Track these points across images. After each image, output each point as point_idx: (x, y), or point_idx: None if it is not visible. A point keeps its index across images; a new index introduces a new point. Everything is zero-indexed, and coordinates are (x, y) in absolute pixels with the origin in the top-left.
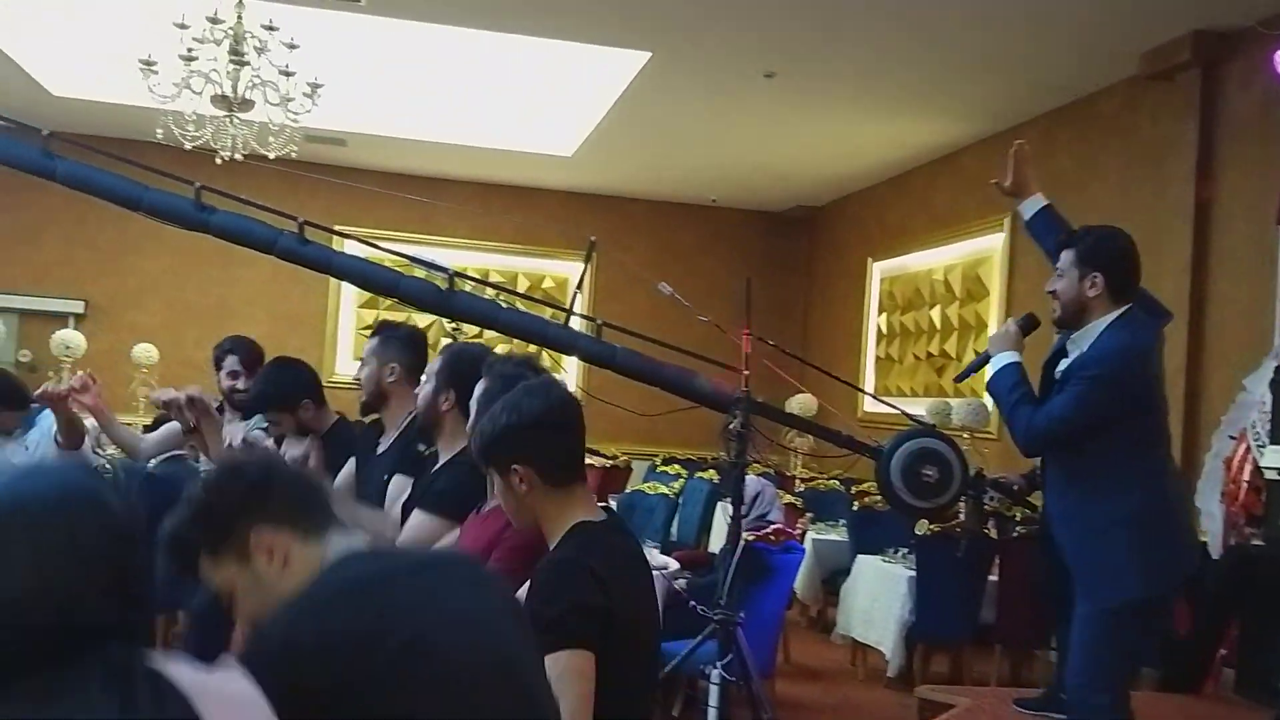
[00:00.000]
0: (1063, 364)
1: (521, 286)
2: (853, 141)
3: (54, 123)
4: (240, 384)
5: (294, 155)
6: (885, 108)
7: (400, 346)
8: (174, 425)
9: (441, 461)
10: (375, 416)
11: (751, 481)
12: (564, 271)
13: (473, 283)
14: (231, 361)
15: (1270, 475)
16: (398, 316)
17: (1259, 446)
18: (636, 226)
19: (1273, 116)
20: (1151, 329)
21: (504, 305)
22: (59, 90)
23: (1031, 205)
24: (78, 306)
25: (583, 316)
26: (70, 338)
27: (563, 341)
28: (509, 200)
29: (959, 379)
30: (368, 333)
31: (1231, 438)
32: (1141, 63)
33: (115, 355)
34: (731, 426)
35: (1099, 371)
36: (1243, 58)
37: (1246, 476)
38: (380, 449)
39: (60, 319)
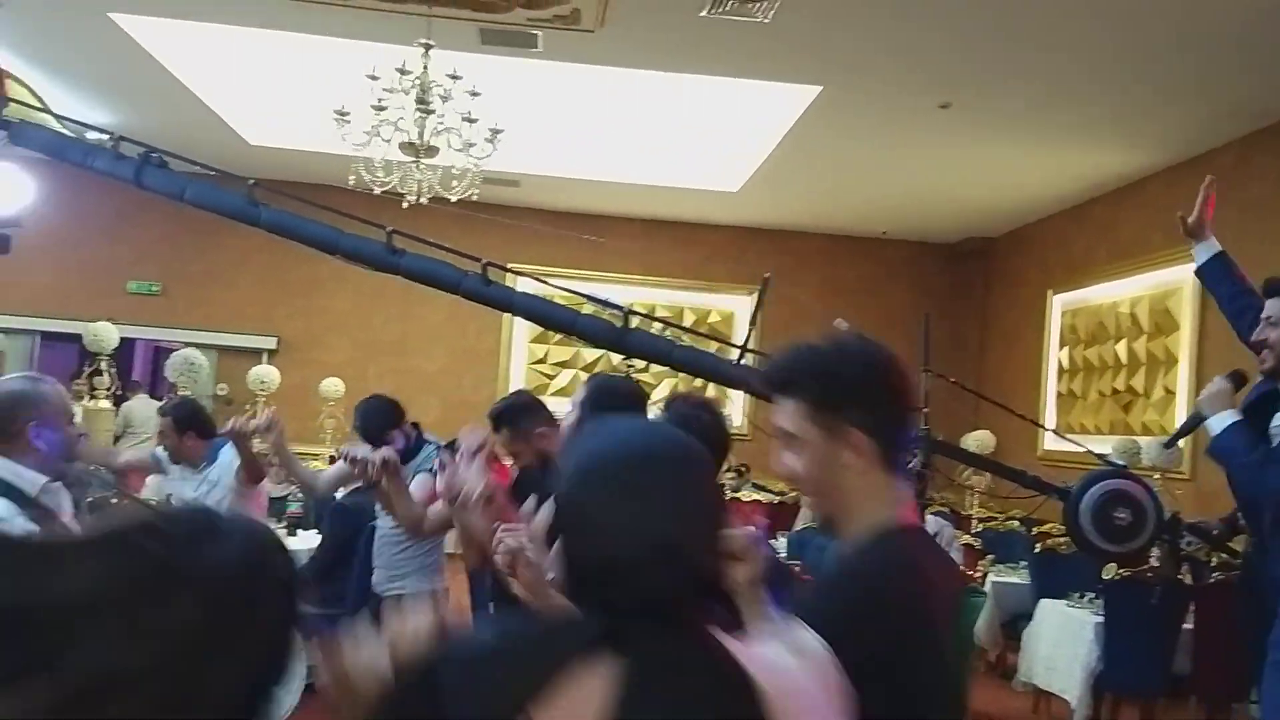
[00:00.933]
0: None
1: (687, 321)
2: (1030, 172)
3: (251, 170)
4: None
5: (474, 198)
6: (1064, 137)
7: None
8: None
9: None
10: None
11: (930, 521)
12: (729, 306)
13: (647, 320)
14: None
15: None
16: (565, 352)
17: None
18: (805, 261)
19: None
20: None
21: (677, 342)
22: (256, 140)
23: (1206, 250)
24: (270, 343)
25: (756, 353)
26: (266, 373)
27: (736, 378)
28: (676, 236)
29: (1170, 444)
30: (539, 366)
31: None
32: None
33: (305, 389)
34: (911, 465)
35: None
36: None
37: None
38: None
39: (254, 355)
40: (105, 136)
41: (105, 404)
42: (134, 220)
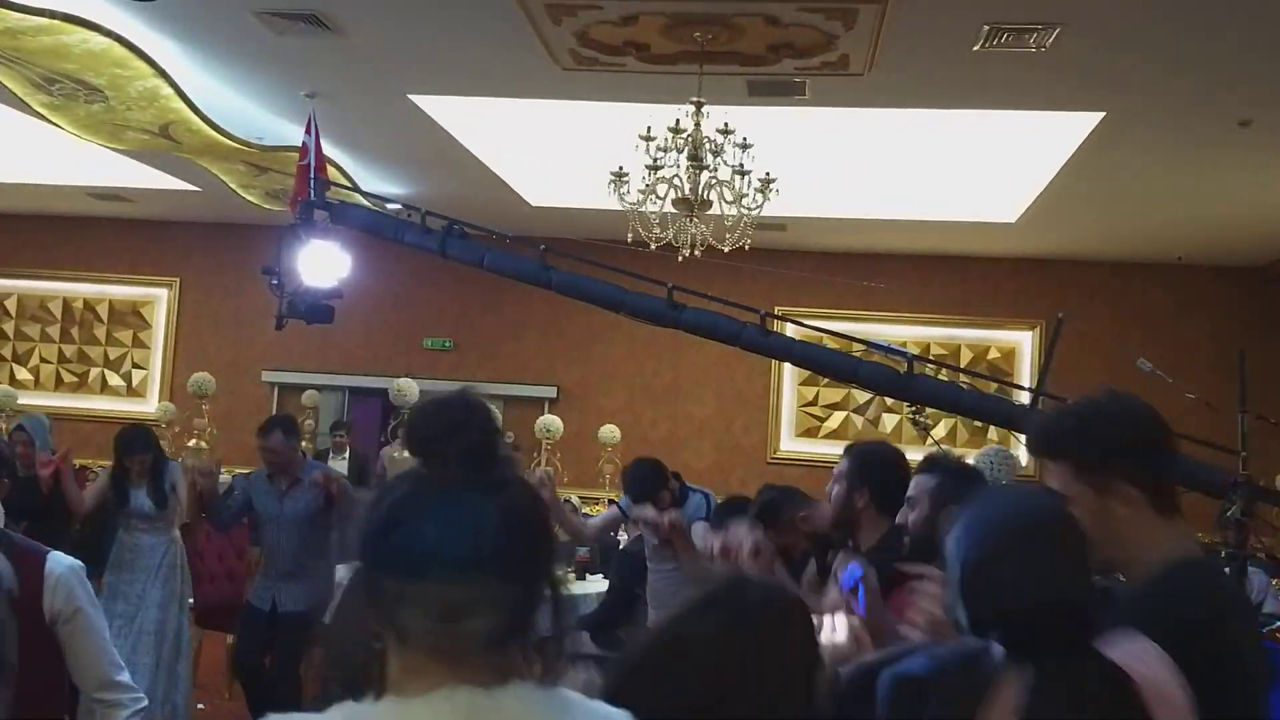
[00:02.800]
0: None
1: (964, 359)
2: None
3: (531, 228)
4: None
5: (746, 247)
6: None
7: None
8: (612, 511)
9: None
10: None
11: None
12: (1009, 341)
13: (925, 363)
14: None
15: None
16: (836, 394)
17: None
18: (1091, 292)
19: None
20: None
21: (964, 387)
22: (536, 201)
23: None
24: (551, 392)
25: (1050, 396)
26: (550, 422)
27: (1029, 423)
28: (950, 271)
29: None
30: (809, 409)
31: None
32: None
33: (584, 436)
34: (1230, 514)
35: None
36: None
37: None
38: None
39: (537, 404)
40: (406, 209)
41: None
42: (428, 284)
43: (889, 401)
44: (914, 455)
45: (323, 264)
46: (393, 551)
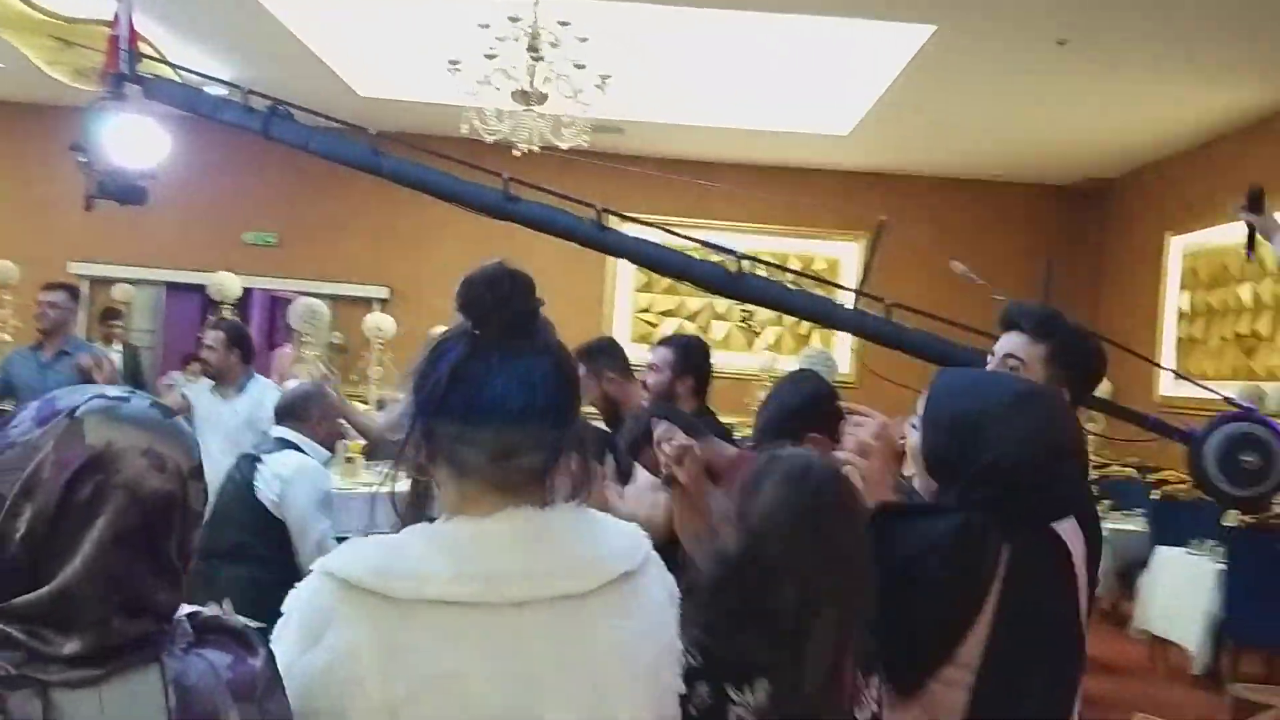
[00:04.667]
0: None
1: (791, 268)
2: (1151, 109)
3: (361, 121)
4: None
5: (585, 145)
6: (1190, 71)
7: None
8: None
9: None
10: None
11: None
12: (835, 253)
13: (757, 264)
14: None
15: None
16: (670, 301)
17: None
18: (916, 205)
19: None
20: None
21: (792, 288)
22: (365, 91)
23: None
24: (383, 292)
25: (872, 297)
26: (381, 321)
27: (852, 323)
28: (783, 181)
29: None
30: (644, 315)
31: None
32: None
33: (417, 337)
34: None
35: None
36: None
37: None
38: None
39: (367, 304)
40: (226, 90)
41: None
42: (249, 174)
43: (720, 309)
44: (742, 360)
45: (136, 141)
46: (458, 403)
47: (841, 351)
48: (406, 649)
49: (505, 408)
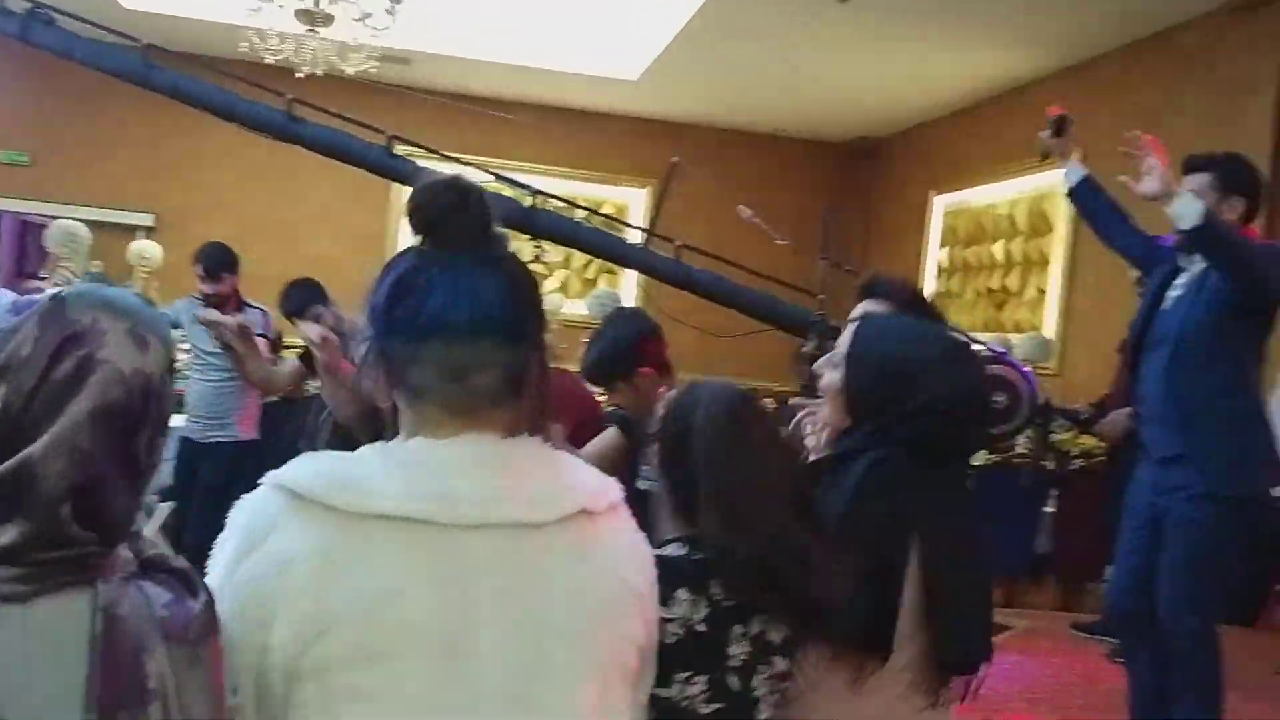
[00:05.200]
0: (1186, 275)
1: (579, 212)
2: (923, 72)
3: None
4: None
5: (373, 72)
6: (958, 37)
7: None
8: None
9: None
10: None
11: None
12: (624, 198)
13: (549, 202)
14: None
15: None
16: None
17: None
18: (701, 155)
19: None
20: None
21: (582, 223)
22: (130, 3)
23: (1076, 172)
24: (148, 219)
25: (662, 238)
26: (146, 248)
27: (642, 262)
28: (573, 124)
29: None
30: None
31: None
32: None
33: (184, 268)
34: (806, 350)
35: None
36: None
37: None
38: None
39: (130, 231)
40: None
41: None
42: None
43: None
44: None
45: None
46: (404, 318)
47: (628, 295)
48: (344, 561)
49: (450, 321)
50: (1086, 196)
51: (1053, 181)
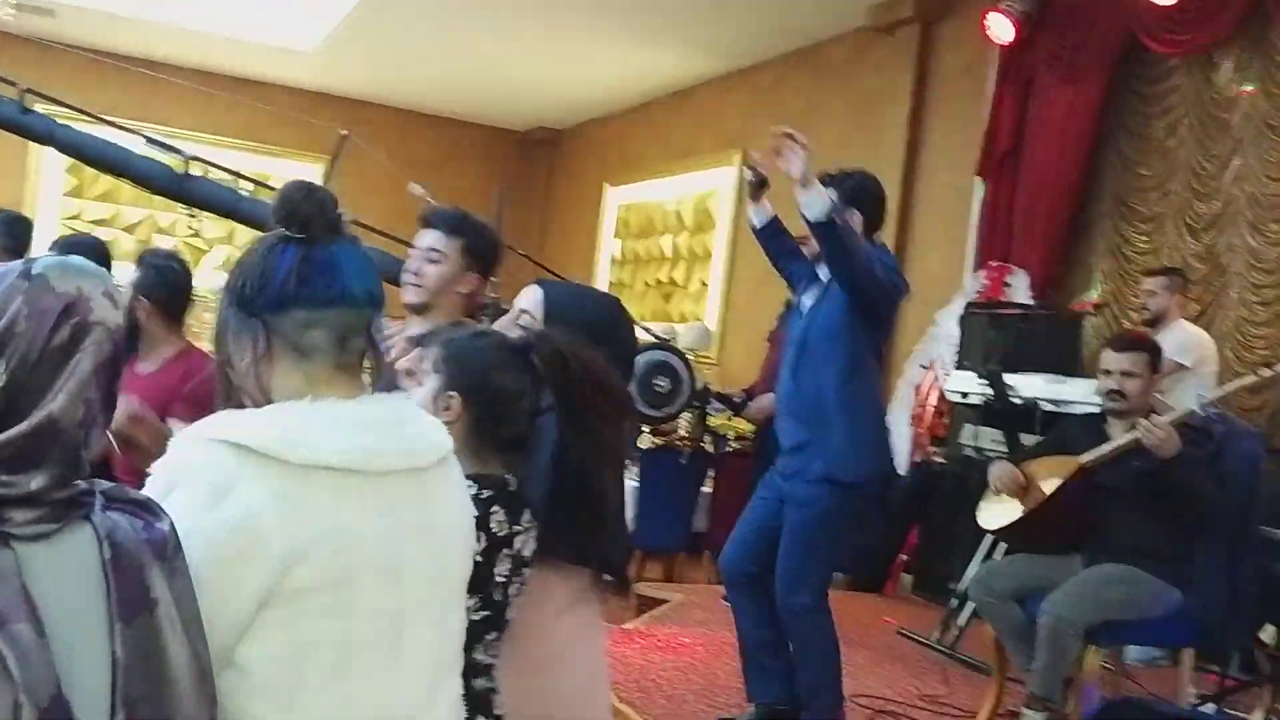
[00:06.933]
0: (817, 284)
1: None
2: (593, 67)
3: None
4: None
5: (9, 22)
6: (624, 36)
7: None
8: None
9: None
10: None
11: None
12: (294, 173)
13: (215, 169)
14: None
15: (954, 398)
16: (105, 210)
17: (946, 375)
18: (377, 132)
19: (977, 75)
20: None
21: (244, 194)
22: None
23: (763, 215)
24: None
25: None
26: None
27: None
28: (239, 93)
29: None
30: (73, 223)
31: (923, 366)
32: (869, 14)
33: None
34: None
35: (887, 259)
36: (959, 18)
37: (933, 401)
38: None
39: None
40: None
41: None
42: None
43: (164, 222)
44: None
45: None
46: (308, 294)
47: None
48: (306, 506)
49: (352, 294)
50: (770, 238)
51: (717, 180)
